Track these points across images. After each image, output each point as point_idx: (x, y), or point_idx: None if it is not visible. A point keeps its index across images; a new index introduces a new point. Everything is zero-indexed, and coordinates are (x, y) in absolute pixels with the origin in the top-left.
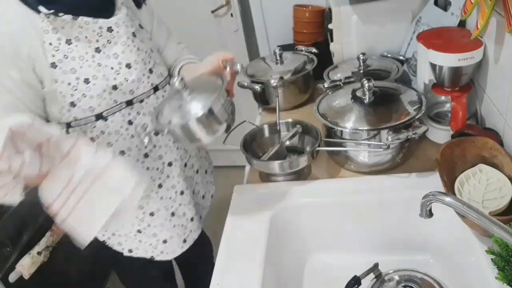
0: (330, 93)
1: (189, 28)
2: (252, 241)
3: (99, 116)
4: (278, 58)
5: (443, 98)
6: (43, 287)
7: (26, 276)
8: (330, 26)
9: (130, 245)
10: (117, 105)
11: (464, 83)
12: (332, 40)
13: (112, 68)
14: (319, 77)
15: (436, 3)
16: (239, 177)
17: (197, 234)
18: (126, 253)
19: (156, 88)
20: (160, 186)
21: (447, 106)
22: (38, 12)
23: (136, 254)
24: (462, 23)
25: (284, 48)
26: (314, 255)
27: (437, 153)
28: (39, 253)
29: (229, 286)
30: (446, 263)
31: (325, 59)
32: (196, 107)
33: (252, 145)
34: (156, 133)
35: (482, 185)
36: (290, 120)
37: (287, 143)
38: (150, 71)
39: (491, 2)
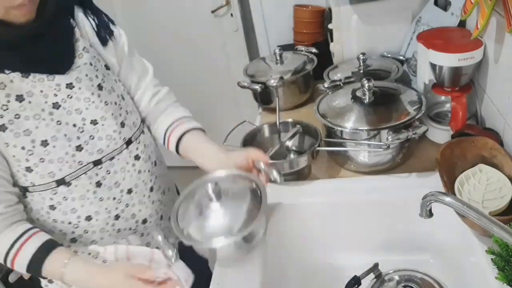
0: (330, 93)
1: (189, 28)
2: None
3: (61, 182)
4: (278, 58)
5: (443, 98)
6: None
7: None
8: (330, 26)
9: None
10: (83, 167)
11: (464, 83)
12: (332, 40)
13: (74, 125)
14: (319, 77)
15: (436, 3)
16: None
17: None
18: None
19: (129, 142)
20: (117, 217)
21: (447, 106)
22: None
23: None
24: (462, 23)
25: (284, 48)
26: (314, 255)
27: (437, 153)
28: None
29: (229, 286)
30: (446, 263)
31: (325, 59)
32: (229, 229)
33: (252, 145)
34: (129, 192)
35: (482, 185)
36: (290, 120)
37: (287, 143)
38: (122, 124)
39: (491, 2)
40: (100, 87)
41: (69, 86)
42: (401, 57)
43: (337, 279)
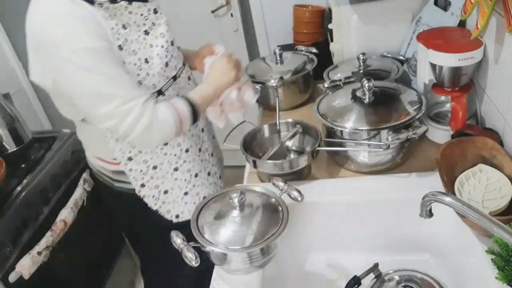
0: (330, 93)
1: (189, 28)
2: None
3: (160, 92)
4: (278, 58)
5: (443, 98)
6: (43, 287)
7: (26, 276)
8: (330, 26)
9: (177, 210)
10: (169, 80)
11: (464, 83)
12: (332, 40)
13: (162, 46)
14: (319, 77)
15: (436, 3)
16: (239, 177)
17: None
18: (174, 220)
19: (183, 64)
20: (200, 150)
21: (447, 106)
22: (92, 2)
23: (182, 218)
24: (462, 23)
25: (284, 48)
26: (314, 255)
27: (437, 153)
28: (39, 253)
29: (229, 286)
30: (446, 263)
31: (325, 59)
32: (246, 240)
33: (252, 145)
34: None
35: (482, 185)
36: (290, 120)
37: (287, 143)
38: (178, 48)
39: (491, 2)
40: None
41: (155, 11)
42: (401, 57)
43: (337, 279)
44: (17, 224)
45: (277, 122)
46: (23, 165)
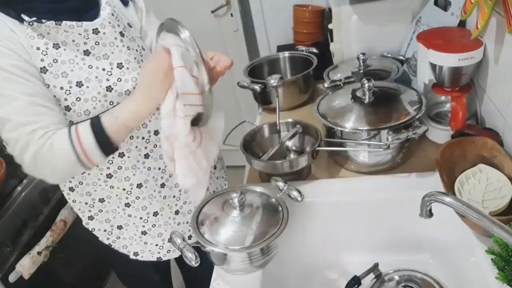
0: (330, 93)
1: (189, 28)
2: None
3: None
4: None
5: (443, 98)
6: (43, 287)
7: (26, 276)
8: (330, 26)
9: (135, 248)
10: (113, 106)
11: (464, 83)
12: (332, 40)
13: (103, 69)
14: (319, 77)
15: (436, 3)
16: (239, 177)
17: None
18: (132, 256)
19: None
20: (162, 185)
21: (447, 106)
22: (22, 21)
23: (142, 257)
24: (462, 23)
25: (284, 48)
26: (314, 255)
27: (437, 153)
28: (39, 253)
29: (229, 286)
30: (446, 263)
31: (325, 59)
32: (244, 239)
33: (252, 145)
34: (156, 133)
35: (482, 185)
36: (290, 120)
37: (287, 143)
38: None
39: (491, 2)
40: (122, 34)
41: (95, 31)
42: (401, 57)
43: (337, 279)
44: (17, 224)
45: (277, 122)
46: None
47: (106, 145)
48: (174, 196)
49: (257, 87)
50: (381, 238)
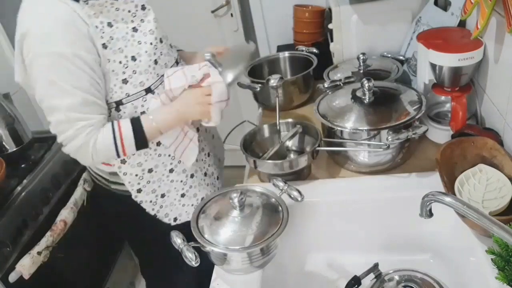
0: (330, 93)
1: (189, 28)
2: None
3: (148, 90)
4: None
5: (443, 98)
6: (43, 287)
7: (26, 276)
8: (330, 26)
9: (175, 213)
10: (159, 77)
11: (464, 83)
12: (332, 40)
13: (151, 43)
14: (319, 77)
15: (436, 3)
16: (239, 177)
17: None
18: (172, 223)
19: (176, 62)
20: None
21: (447, 106)
22: (78, 0)
23: (180, 220)
24: (462, 23)
25: (284, 48)
26: (314, 255)
27: (437, 153)
28: (39, 253)
29: (229, 286)
30: (446, 263)
31: (325, 59)
32: (244, 240)
33: (252, 145)
34: None
35: (482, 185)
36: (290, 120)
37: (287, 143)
38: (170, 45)
39: (491, 2)
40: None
41: (143, 7)
42: (401, 57)
43: (337, 279)
44: (17, 224)
45: (277, 122)
46: (23, 165)
47: (141, 142)
48: (202, 160)
49: (257, 87)
50: (381, 238)
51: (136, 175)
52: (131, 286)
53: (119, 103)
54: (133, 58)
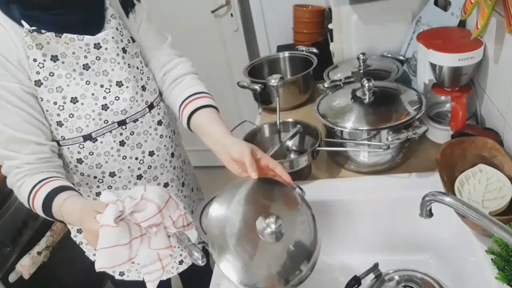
0: (330, 93)
1: (189, 28)
2: None
3: (88, 137)
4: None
5: (443, 98)
6: (43, 287)
7: (26, 276)
8: (330, 26)
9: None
10: (108, 125)
11: (464, 83)
12: (332, 40)
13: (102, 86)
14: (319, 77)
15: (436, 3)
16: (239, 177)
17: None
18: (117, 277)
19: (151, 106)
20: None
21: (447, 106)
22: (22, 26)
23: (128, 277)
24: (462, 23)
25: (284, 48)
26: None
27: (437, 153)
28: (39, 253)
29: (229, 286)
30: (446, 263)
31: (325, 59)
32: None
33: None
34: (151, 154)
35: (482, 185)
36: (290, 120)
37: (288, 143)
38: (143, 88)
39: (491, 2)
40: (124, 50)
41: (97, 46)
42: (401, 57)
43: (337, 279)
44: (17, 224)
45: (277, 122)
46: None
47: (49, 216)
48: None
49: (257, 87)
50: (381, 238)
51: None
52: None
53: (58, 144)
54: (73, 100)
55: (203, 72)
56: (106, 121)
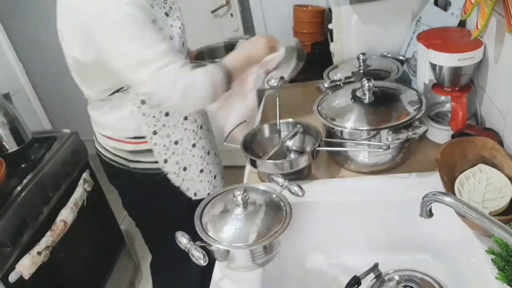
0: (330, 93)
1: (189, 28)
2: None
3: None
4: None
5: (443, 98)
6: (43, 287)
7: (26, 276)
8: (330, 26)
9: (195, 188)
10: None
11: (464, 83)
12: (332, 40)
13: (180, 28)
14: (319, 77)
15: (436, 3)
16: (239, 177)
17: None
18: (193, 197)
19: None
20: (208, 129)
21: (447, 106)
22: None
23: (200, 195)
24: (462, 23)
25: None
26: (314, 254)
27: (437, 153)
28: (39, 253)
29: (230, 285)
30: (446, 263)
31: (325, 59)
32: (249, 237)
33: (252, 145)
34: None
35: (482, 185)
36: (290, 120)
37: (288, 143)
38: None
39: (491, 2)
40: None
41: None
42: (401, 57)
43: (337, 279)
44: (17, 224)
45: (277, 122)
46: (23, 165)
47: (229, 82)
48: (212, 141)
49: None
50: (381, 238)
51: (164, 145)
52: (131, 286)
53: None
54: (171, 37)
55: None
56: (184, 57)
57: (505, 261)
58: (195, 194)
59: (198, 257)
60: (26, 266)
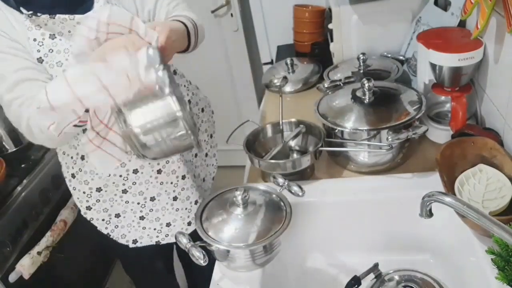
0: (330, 93)
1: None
2: None
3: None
4: (289, 67)
5: (443, 98)
6: (43, 287)
7: (26, 276)
8: (330, 26)
9: (134, 235)
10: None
11: (464, 83)
12: (332, 40)
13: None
14: (319, 77)
15: (436, 3)
16: (240, 177)
17: None
18: (131, 245)
19: None
20: (159, 171)
21: (447, 106)
22: (21, 12)
23: (141, 243)
24: (462, 23)
25: (284, 48)
26: (315, 254)
27: (437, 153)
28: (39, 253)
29: (229, 285)
30: (446, 263)
31: (325, 59)
32: (249, 237)
33: (255, 144)
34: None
35: (482, 185)
36: (293, 120)
37: (290, 143)
38: None
39: (491, 2)
40: None
41: None
42: (401, 57)
43: (337, 279)
44: (17, 224)
45: (280, 122)
46: (23, 165)
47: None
48: (171, 183)
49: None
50: (382, 238)
51: (84, 192)
52: (131, 286)
53: None
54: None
55: (203, 72)
56: None
57: (505, 261)
58: (134, 242)
59: (198, 257)
60: (26, 266)
